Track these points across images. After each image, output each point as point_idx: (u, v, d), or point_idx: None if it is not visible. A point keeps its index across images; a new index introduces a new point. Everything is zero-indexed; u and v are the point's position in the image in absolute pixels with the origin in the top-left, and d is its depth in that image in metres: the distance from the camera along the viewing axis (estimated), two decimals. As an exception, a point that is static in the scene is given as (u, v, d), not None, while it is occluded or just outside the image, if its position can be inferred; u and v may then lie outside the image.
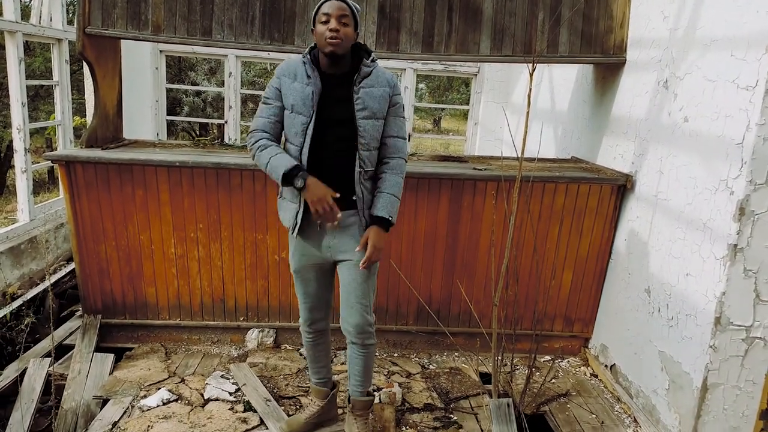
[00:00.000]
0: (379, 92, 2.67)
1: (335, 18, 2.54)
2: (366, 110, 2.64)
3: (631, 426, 3.42)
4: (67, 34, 5.14)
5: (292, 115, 2.64)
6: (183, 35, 3.79)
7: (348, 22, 2.58)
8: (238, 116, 7.06)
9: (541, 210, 3.90)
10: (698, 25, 3.17)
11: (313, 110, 2.61)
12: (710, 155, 2.98)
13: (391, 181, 2.73)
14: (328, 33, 2.53)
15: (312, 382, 3.13)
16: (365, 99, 2.64)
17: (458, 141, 13.83)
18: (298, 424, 3.07)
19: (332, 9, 2.55)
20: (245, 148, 4.36)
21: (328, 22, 2.54)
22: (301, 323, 2.97)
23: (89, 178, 3.67)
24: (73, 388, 3.48)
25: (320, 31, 2.57)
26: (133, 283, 3.92)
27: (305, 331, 2.97)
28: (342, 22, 2.55)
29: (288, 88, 2.64)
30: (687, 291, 3.11)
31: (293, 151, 2.66)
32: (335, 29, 2.52)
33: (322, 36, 2.56)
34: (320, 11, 2.58)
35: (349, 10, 2.58)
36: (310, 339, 2.99)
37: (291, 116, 2.65)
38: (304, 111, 2.61)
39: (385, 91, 2.69)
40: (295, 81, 2.64)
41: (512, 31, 3.89)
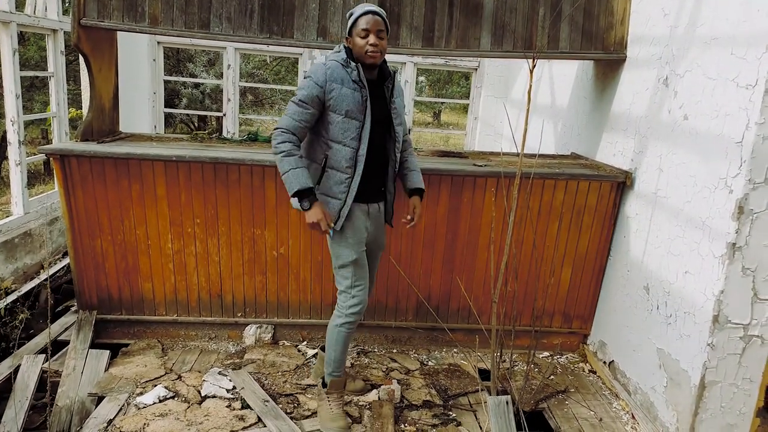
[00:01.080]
0: (401, 102, 3.06)
1: (374, 33, 2.80)
2: (398, 118, 3.01)
3: (629, 423, 3.42)
4: (63, 24, 5.09)
5: (345, 120, 2.82)
6: (180, 28, 3.75)
7: (383, 36, 2.85)
8: (236, 109, 7.02)
9: (540, 206, 3.88)
10: (699, 23, 3.15)
11: (364, 114, 2.84)
12: (710, 153, 2.97)
13: (415, 161, 3.25)
14: (370, 48, 2.80)
15: (334, 376, 3.17)
16: (398, 109, 3.01)
17: (458, 135, 13.80)
18: (344, 418, 3.14)
19: (371, 24, 2.79)
20: (243, 142, 4.34)
21: (367, 37, 2.80)
22: (354, 312, 3.04)
23: (84, 173, 3.64)
24: (67, 384, 3.46)
25: (360, 44, 2.81)
26: (129, 278, 3.89)
27: (356, 321, 3.08)
28: (380, 36, 2.82)
29: (339, 94, 2.80)
30: (686, 289, 3.10)
31: (347, 153, 2.85)
32: (375, 44, 2.80)
33: (362, 49, 2.81)
34: (358, 26, 2.81)
35: (383, 24, 2.84)
36: (353, 329, 3.10)
37: (345, 121, 2.82)
38: (358, 116, 2.83)
39: (402, 99, 3.09)
40: (344, 86, 2.81)
41: (513, 27, 3.86)
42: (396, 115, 2.98)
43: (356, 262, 3.02)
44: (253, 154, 3.73)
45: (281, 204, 3.78)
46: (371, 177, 2.97)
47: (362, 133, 2.85)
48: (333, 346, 3.10)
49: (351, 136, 2.84)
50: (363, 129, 2.84)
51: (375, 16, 2.80)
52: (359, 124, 2.83)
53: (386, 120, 2.96)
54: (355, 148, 2.86)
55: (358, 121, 2.83)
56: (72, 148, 3.62)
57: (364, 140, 2.85)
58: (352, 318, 3.06)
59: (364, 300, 3.08)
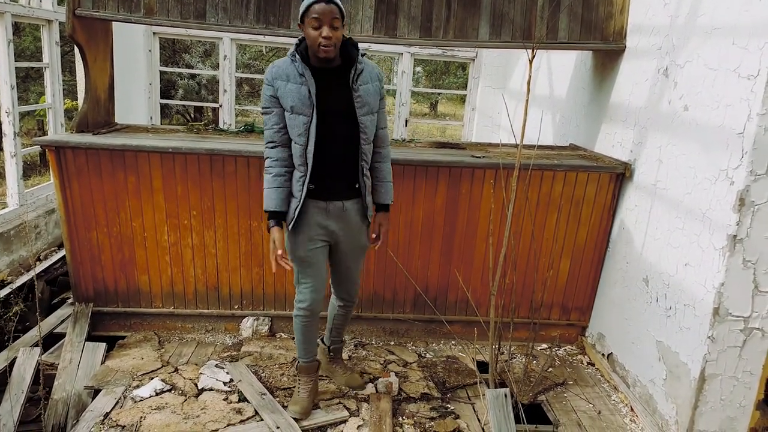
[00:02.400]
0: (372, 88, 2.83)
1: (327, 24, 2.61)
2: (365, 107, 2.79)
3: (628, 415, 3.41)
4: (58, 15, 5.03)
5: (292, 116, 2.74)
6: (176, 18, 3.71)
7: (338, 25, 2.64)
8: (232, 100, 6.97)
9: (539, 198, 3.86)
10: (699, 13, 3.12)
11: (312, 108, 2.72)
12: (710, 145, 2.94)
13: (387, 169, 3.04)
14: (322, 40, 2.62)
15: (302, 362, 3.21)
16: (363, 96, 2.78)
17: (455, 126, 13.77)
18: (306, 403, 3.18)
19: (323, 14, 2.60)
20: (240, 133, 4.31)
21: (320, 28, 2.61)
22: (300, 308, 3.06)
23: (80, 164, 3.61)
24: (63, 377, 3.44)
25: (312, 36, 2.64)
26: (125, 270, 3.87)
27: (304, 315, 3.07)
28: (333, 26, 2.62)
29: (284, 91, 2.73)
30: (686, 281, 3.09)
31: (298, 150, 2.78)
32: (328, 36, 2.61)
33: (315, 41, 2.64)
34: (309, 14, 2.62)
35: (338, 11, 2.64)
36: (306, 322, 3.09)
37: (292, 117, 2.75)
38: (304, 110, 2.72)
39: (376, 86, 2.86)
40: (289, 82, 2.73)
41: (511, 17, 3.82)
42: (361, 104, 2.78)
43: (303, 261, 2.96)
44: (250, 146, 3.71)
45: (278, 196, 3.75)
46: (332, 173, 2.84)
47: (310, 129, 2.73)
48: (295, 334, 3.17)
49: (298, 132, 2.75)
50: (310, 124, 2.73)
51: (328, 4, 2.60)
52: (306, 119, 2.72)
53: (348, 111, 2.78)
54: (304, 145, 2.76)
55: (305, 116, 2.72)
56: (67, 139, 3.58)
57: (311, 136, 2.73)
58: (300, 313, 3.07)
59: (310, 298, 3.02)
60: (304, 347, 3.17)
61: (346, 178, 2.88)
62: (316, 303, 3.05)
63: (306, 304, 3.03)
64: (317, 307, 3.07)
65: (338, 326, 3.39)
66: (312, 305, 3.04)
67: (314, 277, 3.00)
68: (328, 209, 2.89)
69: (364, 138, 2.82)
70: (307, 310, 3.05)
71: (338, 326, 3.39)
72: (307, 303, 3.03)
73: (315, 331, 3.17)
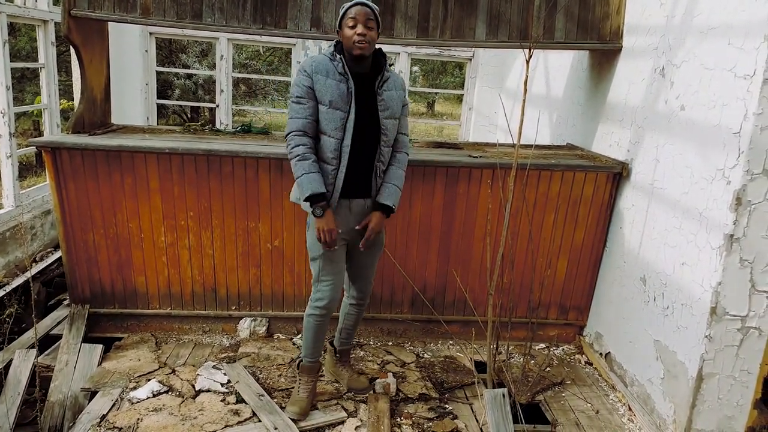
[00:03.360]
0: (396, 95, 2.95)
1: (362, 23, 2.76)
2: (388, 111, 2.90)
3: (625, 415, 3.42)
4: (53, 15, 5.01)
5: (330, 110, 2.82)
6: (172, 18, 3.70)
7: (373, 26, 2.81)
8: (229, 100, 6.96)
9: (536, 198, 3.86)
10: (695, 12, 3.12)
11: (350, 106, 2.83)
12: (707, 144, 2.95)
13: (398, 174, 3.03)
14: (357, 37, 2.76)
15: (308, 361, 3.22)
16: (387, 101, 2.90)
17: (453, 126, 13.77)
18: (305, 403, 3.18)
19: (359, 14, 2.77)
20: (237, 133, 4.30)
21: (355, 27, 2.77)
22: (318, 306, 3.07)
23: (76, 165, 3.60)
24: (60, 379, 3.43)
25: (348, 35, 2.79)
26: (122, 271, 3.86)
27: (320, 314, 3.09)
28: (368, 26, 2.78)
29: (323, 85, 2.81)
30: (683, 280, 3.09)
31: (332, 144, 2.84)
32: (363, 33, 2.76)
33: (350, 39, 2.78)
34: (347, 15, 2.80)
35: (373, 14, 2.82)
36: (320, 321, 3.11)
37: (329, 112, 2.82)
38: (342, 106, 2.82)
39: (400, 94, 2.98)
40: (328, 78, 2.82)
41: (508, 17, 3.82)
42: (384, 108, 2.89)
43: (325, 257, 3.00)
44: (247, 146, 3.70)
45: (275, 197, 3.74)
46: (357, 171, 2.92)
47: (347, 124, 2.82)
48: (304, 332, 3.17)
49: (335, 126, 2.82)
50: (348, 120, 2.82)
51: (364, 8, 2.78)
52: (344, 114, 2.82)
53: (373, 113, 2.88)
54: (340, 139, 2.83)
55: (343, 112, 2.82)
56: (63, 140, 3.57)
57: (348, 131, 2.82)
58: (316, 311, 3.09)
59: (330, 297, 3.05)
60: (313, 347, 3.19)
61: (368, 177, 2.96)
62: (334, 302, 3.08)
63: (324, 302, 3.06)
64: (334, 306, 3.10)
65: (349, 327, 3.39)
66: (330, 303, 3.07)
67: (336, 275, 3.05)
68: (351, 207, 2.97)
69: (384, 140, 2.91)
70: (324, 309, 3.08)
71: (349, 327, 3.39)
72: (326, 301, 3.06)
73: (326, 331, 3.20)
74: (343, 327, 3.40)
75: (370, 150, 2.92)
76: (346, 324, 3.38)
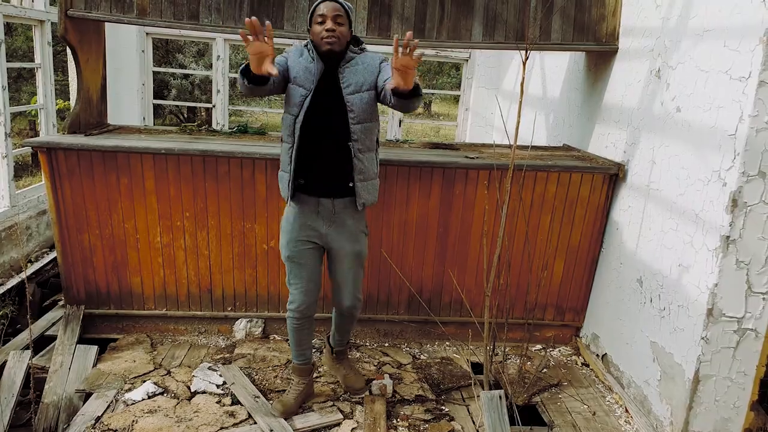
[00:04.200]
0: (362, 68, 2.86)
1: (330, 18, 2.74)
2: (351, 86, 2.82)
3: (622, 416, 3.41)
4: (50, 15, 5.00)
5: (293, 87, 2.83)
6: (169, 19, 3.69)
7: (342, 22, 2.77)
8: (226, 100, 6.95)
9: (532, 199, 3.86)
10: (691, 15, 3.13)
11: (313, 84, 2.80)
12: (703, 146, 2.95)
13: None
14: (325, 33, 2.74)
15: (295, 363, 3.22)
16: (348, 76, 2.83)
17: (449, 126, 13.77)
18: (290, 404, 3.17)
19: (327, 10, 2.75)
20: (233, 134, 4.30)
21: (324, 23, 2.75)
22: (290, 309, 3.07)
23: (72, 166, 3.59)
24: (54, 381, 3.41)
25: (317, 31, 2.77)
26: (117, 272, 3.85)
27: (294, 317, 3.07)
28: (337, 21, 2.75)
29: (294, 62, 2.84)
30: (679, 282, 3.09)
31: (289, 120, 2.84)
32: (331, 29, 2.73)
33: (318, 35, 2.77)
34: (316, 12, 2.79)
35: (343, 10, 2.78)
36: (297, 324, 3.09)
37: (293, 88, 2.83)
38: (306, 84, 2.81)
39: (370, 65, 2.87)
40: (301, 57, 2.86)
41: (505, 18, 3.82)
42: (346, 84, 2.80)
43: (290, 260, 2.99)
44: (243, 147, 3.69)
45: (271, 197, 3.74)
46: (324, 167, 2.86)
47: (305, 102, 2.78)
48: (288, 334, 3.18)
49: (294, 102, 2.81)
50: (306, 98, 2.78)
51: (332, 3, 2.75)
52: (305, 92, 2.79)
53: (338, 96, 2.82)
54: (295, 115, 2.81)
55: (305, 89, 2.80)
56: (59, 140, 3.56)
57: (304, 108, 2.78)
58: (289, 314, 3.08)
59: (299, 300, 3.02)
60: (296, 350, 3.18)
61: (339, 174, 2.87)
62: (306, 306, 3.04)
63: (295, 305, 3.04)
64: (308, 311, 3.06)
65: (339, 331, 3.35)
66: (301, 307, 3.03)
67: (304, 279, 3.00)
68: (319, 209, 2.91)
69: (351, 116, 2.81)
70: (297, 312, 3.04)
71: (339, 331, 3.35)
72: (296, 304, 3.03)
73: (309, 335, 3.17)
74: (335, 330, 3.37)
75: (341, 147, 2.84)
76: (336, 327, 3.34)
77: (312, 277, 3.02)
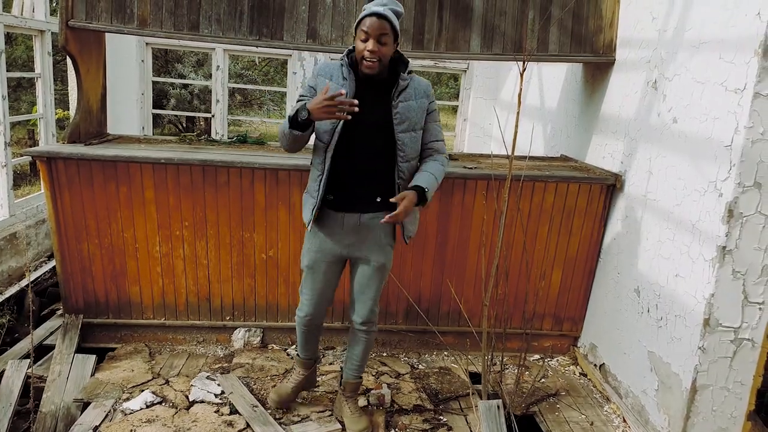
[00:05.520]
0: (416, 104, 2.75)
1: (374, 38, 2.57)
2: (404, 123, 2.72)
3: (620, 426, 3.42)
4: (50, 25, 5.03)
5: None
6: (169, 29, 3.72)
7: (387, 41, 2.61)
8: (225, 110, 6.97)
9: (530, 209, 3.88)
10: (687, 27, 3.16)
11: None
12: (699, 157, 2.97)
13: (435, 166, 2.83)
14: (367, 53, 2.59)
15: (299, 356, 3.28)
16: (403, 113, 2.71)
17: (447, 137, 13.82)
18: (287, 392, 3.26)
19: (372, 28, 2.57)
20: (232, 144, 4.31)
21: (366, 41, 2.59)
22: (299, 315, 3.10)
23: (71, 175, 3.60)
24: (52, 390, 3.40)
25: (359, 49, 2.63)
26: (116, 281, 3.85)
27: (303, 323, 3.11)
28: (381, 41, 2.59)
29: (323, 86, 2.61)
30: (676, 292, 3.11)
31: (320, 147, 2.75)
32: (373, 50, 2.58)
33: (360, 53, 2.62)
34: (361, 26, 2.61)
35: (389, 28, 2.60)
36: (305, 330, 3.14)
37: None
38: None
39: (422, 102, 2.78)
40: (331, 80, 2.69)
41: (502, 30, 3.85)
42: (399, 121, 2.70)
43: (308, 269, 2.98)
44: (242, 157, 3.71)
45: (270, 207, 3.75)
46: (354, 183, 2.78)
47: (336, 128, 2.67)
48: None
49: (325, 128, 2.70)
50: (338, 125, 2.66)
51: (380, 19, 2.56)
52: (335, 120, 2.63)
53: (386, 125, 2.71)
54: (327, 143, 2.70)
55: None
56: (59, 150, 3.57)
57: (336, 135, 2.68)
58: (298, 317, 3.11)
59: (306, 310, 3.04)
60: (303, 347, 3.23)
61: (370, 191, 2.80)
62: (312, 316, 3.06)
63: (302, 313, 3.07)
64: (315, 320, 3.09)
65: (354, 357, 3.13)
66: (307, 316, 3.06)
67: (313, 290, 3.00)
68: (344, 222, 2.84)
69: (401, 155, 2.74)
70: (304, 318, 3.08)
71: (354, 357, 3.13)
72: (303, 312, 3.07)
73: (315, 338, 3.22)
74: (349, 355, 3.15)
75: (381, 165, 2.76)
76: (351, 351, 3.13)
77: (324, 291, 3.01)
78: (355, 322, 3.05)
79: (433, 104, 2.85)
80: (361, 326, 3.05)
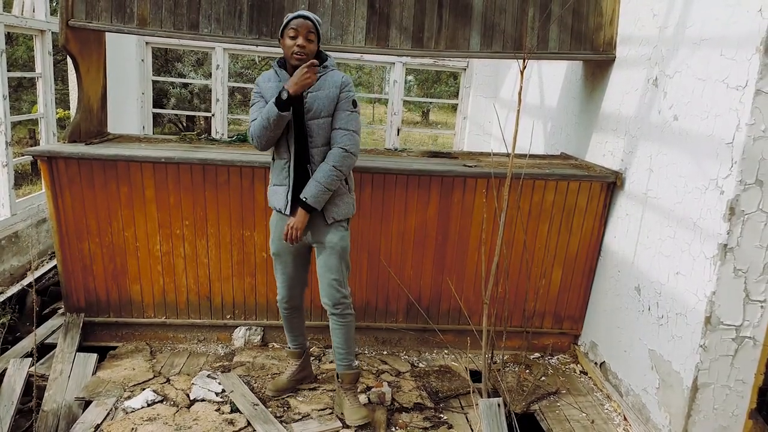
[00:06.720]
0: (325, 93, 2.95)
1: (302, 35, 2.87)
2: (310, 112, 2.94)
3: (621, 425, 3.42)
4: (51, 25, 5.03)
5: None
6: (169, 29, 3.72)
7: (313, 38, 2.91)
8: (225, 109, 6.97)
9: (530, 207, 3.88)
10: (688, 24, 3.15)
11: None
12: (700, 154, 2.97)
13: (322, 169, 2.95)
14: (296, 48, 2.87)
15: (289, 347, 3.49)
16: (311, 102, 2.94)
17: (447, 135, 13.81)
18: (283, 383, 3.46)
19: (300, 26, 2.87)
20: (233, 143, 4.31)
21: (296, 38, 2.87)
22: (278, 300, 3.33)
23: (72, 175, 3.60)
24: (54, 389, 3.41)
25: (288, 45, 2.89)
26: (117, 280, 3.85)
27: (282, 307, 3.34)
28: (308, 38, 2.88)
29: (265, 87, 3.00)
30: (677, 290, 3.10)
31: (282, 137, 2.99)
32: (302, 45, 2.86)
33: (289, 49, 2.89)
34: (289, 26, 2.90)
35: (314, 27, 2.92)
36: (286, 313, 3.36)
37: None
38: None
39: (332, 91, 2.96)
40: (270, 82, 3.02)
41: (502, 27, 3.85)
42: (307, 109, 2.91)
43: (275, 256, 3.21)
44: (242, 156, 3.71)
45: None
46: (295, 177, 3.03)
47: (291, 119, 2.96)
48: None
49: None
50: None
51: (306, 20, 2.87)
52: None
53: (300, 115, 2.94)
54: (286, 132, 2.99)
55: None
56: (59, 149, 3.57)
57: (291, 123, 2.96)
58: (279, 304, 3.34)
59: (282, 293, 3.27)
60: (289, 335, 3.44)
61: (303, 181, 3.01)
62: (290, 298, 3.29)
63: (279, 296, 3.30)
64: (293, 303, 3.31)
65: (337, 345, 3.17)
66: (284, 299, 3.29)
67: (284, 274, 3.23)
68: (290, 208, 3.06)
69: (310, 140, 2.96)
70: (283, 302, 3.31)
71: (337, 345, 3.17)
72: (280, 296, 3.30)
73: (299, 322, 3.41)
74: (333, 346, 3.21)
75: (304, 153, 3.00)
76: (333, 342, 3.19)
77: (295, 274, 3.23)
78: (326, 306, 3.14)
79: (346, 94, 2.98)
80: (333, 309, 3.12)
